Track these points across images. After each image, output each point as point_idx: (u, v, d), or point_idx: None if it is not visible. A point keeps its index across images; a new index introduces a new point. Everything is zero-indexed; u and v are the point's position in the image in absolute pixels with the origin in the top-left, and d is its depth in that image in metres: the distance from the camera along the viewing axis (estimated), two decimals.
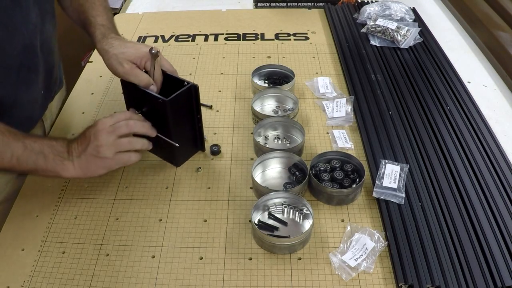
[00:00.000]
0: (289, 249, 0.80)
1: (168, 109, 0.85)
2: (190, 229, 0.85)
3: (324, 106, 1.12)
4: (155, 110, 0.89)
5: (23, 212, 0.90)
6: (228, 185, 0.94)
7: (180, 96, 0.87)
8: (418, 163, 0.95)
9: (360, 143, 1.03)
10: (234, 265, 0.79)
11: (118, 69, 0.87)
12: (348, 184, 0.90)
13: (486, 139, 1.00)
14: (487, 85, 1.23)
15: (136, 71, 0.87)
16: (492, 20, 1.39)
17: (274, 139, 1.04)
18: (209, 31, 1.45)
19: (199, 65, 1.30)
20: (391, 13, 1.43)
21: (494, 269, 0.75)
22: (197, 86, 0.90)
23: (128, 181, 0.95)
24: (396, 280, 0.75)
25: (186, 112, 0.91)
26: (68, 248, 0.83)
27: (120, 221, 0.87)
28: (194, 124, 0.95)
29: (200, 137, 0.98)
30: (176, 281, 0.77)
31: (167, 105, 0.85)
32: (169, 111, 0.86)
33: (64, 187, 0.94)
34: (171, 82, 0.91)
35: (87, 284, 0.77)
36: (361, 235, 0.81)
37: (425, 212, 0.85)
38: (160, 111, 0.87)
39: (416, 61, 1.27)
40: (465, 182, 0.90)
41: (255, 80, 1.17)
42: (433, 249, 0.78)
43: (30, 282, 0.77)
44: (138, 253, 0.82)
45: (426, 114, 1.08)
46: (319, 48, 1.36)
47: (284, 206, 0.86)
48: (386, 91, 1.16)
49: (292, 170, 0.94)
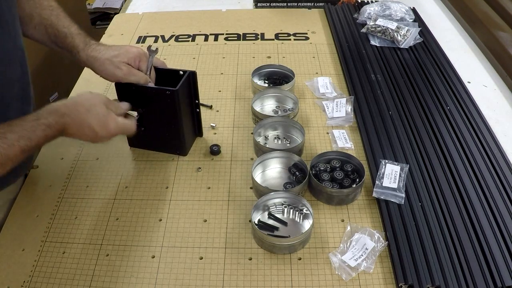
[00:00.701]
0: (289, 249, 0.80)
1: (176, 99, 0.87)
2: (190, 229, 0.85)
3: (324, 106, 1.12)
4: (159, 104, 0.89)
5: (23, 212, 0.90)
6: (228, 185, 0.94)
7: (183, 84, 0.89)
8: (418, 163, 0.95)
9: (360, 143, 1.03)
10: (234, 265, 0.79)
11: (116, 73, 0.86)
12: (348, 184, 0.90)
13: (486, 139, 1.00)
14: (487, 85, 1.23)
15: (134, 71, 0.88)
16: (492, 20, 1.39)
17: (274, 139, 1.04)
18: (209, 31, 1.45)
19: (199, 65, 1.30)
20: (391, 13, 1.43)
21: (494, 269, 0.75)
22: (195, 72, 0.92)
23: (128, 181, 0.95)
24: (396, 280, 0.75)
25: (187, 99, 0.94)
26: (68, 248, 0.83)
27: (120, 221, 0.87)
28: (193, 111, 0.98)
29: (198, 123, 1.00)
30: (176, 281, 0.77)
31: (175, 95, 0.86)
32: (177, 100, 0.87)
33: (64, 187, 0.94)
34: (162, 75, 0.93)
35: (87, 284, 0.77)
36: (361, 235, 0.81)
37: (425, 212, 0.85)
38: (168, 102, 0.88)
39: (416, 61, 1.27)
40: (465, 182, 0.90)
41: (255, 80, 1.17)
42: (433, 249, 0.78)
43: (30, 282, 0.77)
44: (138, 253, 0.82)
45: (426, 114, 1.08)
46: (319, 48, 1.36)
47: (284, 206, 0.86)
48: (386, 91, 1.16)
49: (292, 170, 0.94)
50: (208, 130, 1.07)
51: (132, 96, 0.90)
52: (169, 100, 0.88)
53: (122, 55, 0.87)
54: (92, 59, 0.87)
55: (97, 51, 0.87)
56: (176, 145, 0.98)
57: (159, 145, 1.00)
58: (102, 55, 0.87)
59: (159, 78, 0.93)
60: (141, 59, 0.89)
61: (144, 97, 0.90)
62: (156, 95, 0.88)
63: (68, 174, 0.97)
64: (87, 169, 0.98)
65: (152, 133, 0.97)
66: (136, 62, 0.88)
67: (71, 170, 0.98)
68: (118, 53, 0.87)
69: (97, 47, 0.88)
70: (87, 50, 0.87)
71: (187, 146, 1.00)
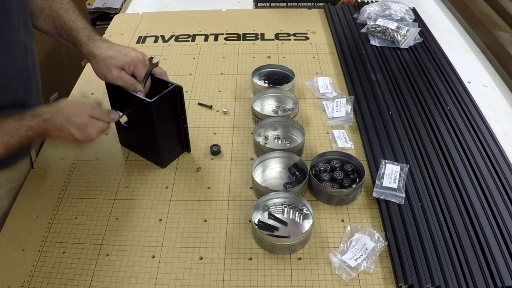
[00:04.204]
0: (289, 249, 0.80)
1: (153, 110, 0.85)
2: (190, 229, 0.85)
3: (324, 106, 1.12)
4: (139, 111, 0.89)
5: (23, 212, 0.90)
6: (228, 185, 0.94)
7: (164, 97, 0.87)
8: (418, 163, 0.95)
9: (360, 143, 1.03)
10: (234, 265, 0.79)
11: (107, 75, 0.87)
12: (348, 184, 0.90)
13: (486, 139, 1.00)
14: (487, 85, 1.23)
15: (124, 76, 0.87)
16: (492, 20, 1.39)
17: (274, 139, 1.04)
18: (209, 31, 1.45)
19: (199, 65, 1.30)
20: (391, 13, 1.43)
21: (494, 269, 0.75)
22: (181, 87, 0.89)
23: (128, 181, 0.95)
24: (396, 280, 0.75)
25: (170, 113, 0.92)
26: (68, 248, 0.83)
27: (120, 221, 0.87)
28: (179, 125, 0.95)
29: (185, 137, 0.98)
30: (176, 281, 0.77)
31: (151, 107, 0.85)
32: (154, 112, 0.86)
33: (64, 187, 0.94)
34: (156, 84, 0.91)
35: (87, 284, 0.77)
36: (361, 235, 0.81)
37: (425, 212, 0.85)
38: (145, 112, 0.87)
39: (416, 61, 1.27)
40: (465, 182, 0.90)
41: (255, 80, 1.17)
42: (433, 249, 0.78)
43: (30, 282, 0.77)
44: (138, 253, 0.82)
45: (426, 114, 1.08)
46: (319, 48, 1.36)
47: (284, 206, 0.86)
48: (386, 91, 1.16)
49: (292, 170, 0.94)
50: (208, 130, 1.07)
51: (118, 98, 0.91)
52: (146, 111, 0.86)
53: (119, 58, 0.87)
54: (91, 55, 0.88)
55: (98, 47, 0.88)
56: (155, 155, 0.97)
57: (142, 151, 1.00)
58: (100, 53, 0.87)
59: (154, 86, 0.91)
60: (137, 65, 0.87)
61: (128, 101, 0.89)
62: (136, 103, 0.87)
63: (68, 174, 0.97)
64: (87, 169, 0.98)
65: (137, 138, 0.97)
66: (131, 68, 0.87)
67: (71, 170, 0.98)
68: (116, 54, 0.87)
69: (99, 44, 0.88)
70: (89, 45, 0.88)
71: (166, 159, 0.98)
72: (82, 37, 0.90)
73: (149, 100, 0.85)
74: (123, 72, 0.87)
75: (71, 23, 0.91)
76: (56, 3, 0.94)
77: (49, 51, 1.76)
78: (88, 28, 0.92)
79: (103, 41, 0.90)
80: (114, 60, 0.86)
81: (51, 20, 0.93)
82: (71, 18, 0.92)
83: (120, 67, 0.87)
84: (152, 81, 0.92)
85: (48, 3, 0.94)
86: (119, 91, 0.88)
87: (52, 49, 1.78)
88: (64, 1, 0.95)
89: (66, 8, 0.93)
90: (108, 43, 0.89)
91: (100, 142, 1.04)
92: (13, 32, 0.82)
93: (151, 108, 0.85)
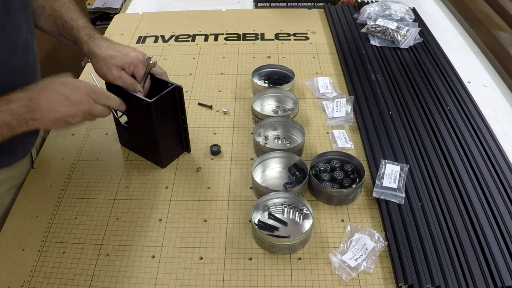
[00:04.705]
0: (289, 249, 0.80)
1: (153, 110, 0.86)
2: (190, 229, 0.85)
3: (324, 106, 1.12)
4: (139, 111, 0.89)
5: (23, 212, 0.90)
6: (228, 185, 0.94)
7: (164, 97, 0.87)
8: (418, 163, 0.95)
9: (360, 143, 1.03)
10: (234, 265, 0.79)
11: (107, 74, 0.87)
12: (348, 184, 0.90)
13: (486, 139, 1.00)
14: (487, 85, 1.23)
15: (124, 76, 0.87)
16: (492, 20, 1.39)
17: (274, 139, 1.04)
18: (209, 31, 1.45)
19: (199, 65, 1.30)
20: (391, 13, 1.43)
21: (494, 269, 0.75)
22: (181, 87, 0.89)
23: (128, 181, 0.95)
24: (396, 280, 0.75)
25: (170, 113, 0.92)
26: (68, 248, 0.83)
27: (120, 221, 0.87)
28: (179, 125, 0.95)
29: (185, 137, 0.98)
30: (176, 281, 0.77)
31: (151, 107, 0.85)
32: (154, 112, 0.86)
33: (64, 187, 0.94)
34: (156, 84, 0.91)
35: (87, 284, 0.77)
36: (361, 235, 0.81)
37: (425, 212, 0.85)
38: (145, 112, 0.87)
39: (416, 61, 1.27)
40: (465, 182, 0.90)
41: (255, 80, 1.17)
42: (433, 249, 0.78)
43: (30, 282, 0.77)
44: (138, 253, 0.82)
45: (426, 114, 1.08)
46: (319, 48, 1.36)
47: (284, 206, 0.86)
48: (386, 91, 1.16)
49: (292, 170, 0.94)
50: (208, 130, 1.07)
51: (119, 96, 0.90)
52: (146, 111, 0.86)
53: (119, 58, 0.87)
54: (91, 54, 0.88)
55: (98, 46, 0.88)
56: (155, 155, 0.97)
57: (142, 151, 1.00)
58: (100, 52, 0.87)
59: (154, 86, 0.91)
60: (137, 66, 0.88)
61: (128, 101, 0.89)
62: (136, 103, 0.87)
63: (68, 174, 0.97)
64: (87, 169, 0.98)
65: (137, 139, 0.97)
66: (131, 68, 0.88)
67: (71, 170, 0.98)
68: (116, 54, 0.87)
69: (100, 43, 0.88)
70: (90, 44, 0.88)
71: (166, 159, 0.98)
72: (82, 36, 0.90)
73: (149, 100, 0.85)
74: (123, 72, 0.87)
75: (72, 22, 0.91)
76: (57, 2, 0.94)
77: (49, 51, 1.76)
78: (89, 27, 0.92)
79: (104, 40, 0.90)
80: (115, 60, 0.86)
81: (52, 20, 0.93)
82: (72, 17, 0.92)
83: (120, 67, 0.87)
84: (152, 81, 0.92)
85: (49, 2, 0.94)
86: (119, 91, 0.88)
87: (52, 49, 1.78)
88: (65, 1, 0.95)
89: (67, 7, 0.94)
90: (109, 42, 0.89)
91: (100, 142, 1.04)
92: (15, 29, 0.82)
93: (151, 108, 0.85)
